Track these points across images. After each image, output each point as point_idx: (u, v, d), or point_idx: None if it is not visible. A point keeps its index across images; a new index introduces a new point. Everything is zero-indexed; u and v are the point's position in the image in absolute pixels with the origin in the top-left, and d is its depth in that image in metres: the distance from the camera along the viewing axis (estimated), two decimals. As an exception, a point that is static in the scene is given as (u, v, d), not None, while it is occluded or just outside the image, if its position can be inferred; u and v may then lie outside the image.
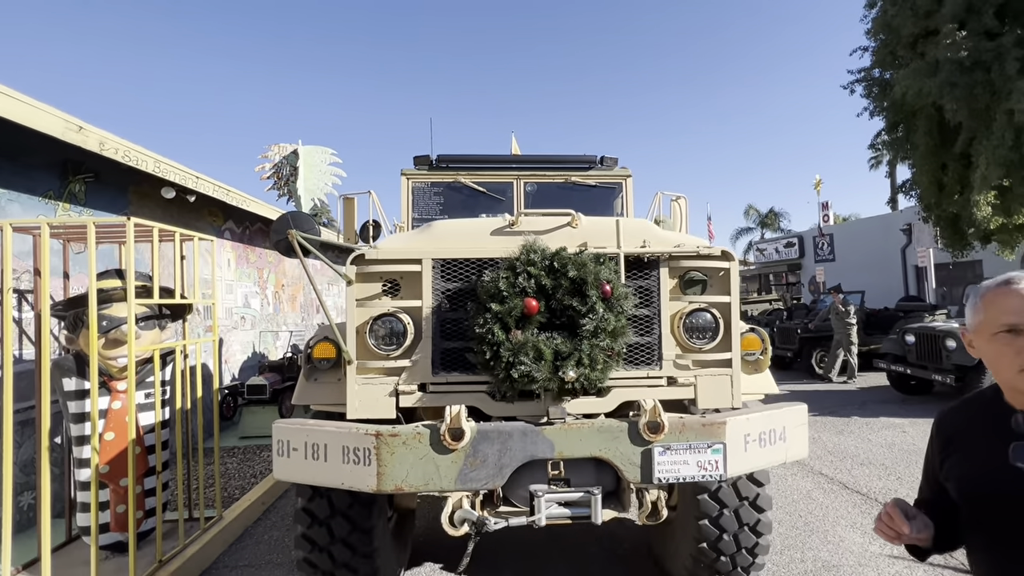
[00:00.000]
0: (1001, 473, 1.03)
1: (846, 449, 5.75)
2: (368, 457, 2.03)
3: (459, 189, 4.17)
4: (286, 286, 8.99)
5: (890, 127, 11.35)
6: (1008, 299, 1.02)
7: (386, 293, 2.33)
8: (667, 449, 2.09)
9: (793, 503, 4.29)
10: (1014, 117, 8.50)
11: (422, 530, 3.89)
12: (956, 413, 1.21)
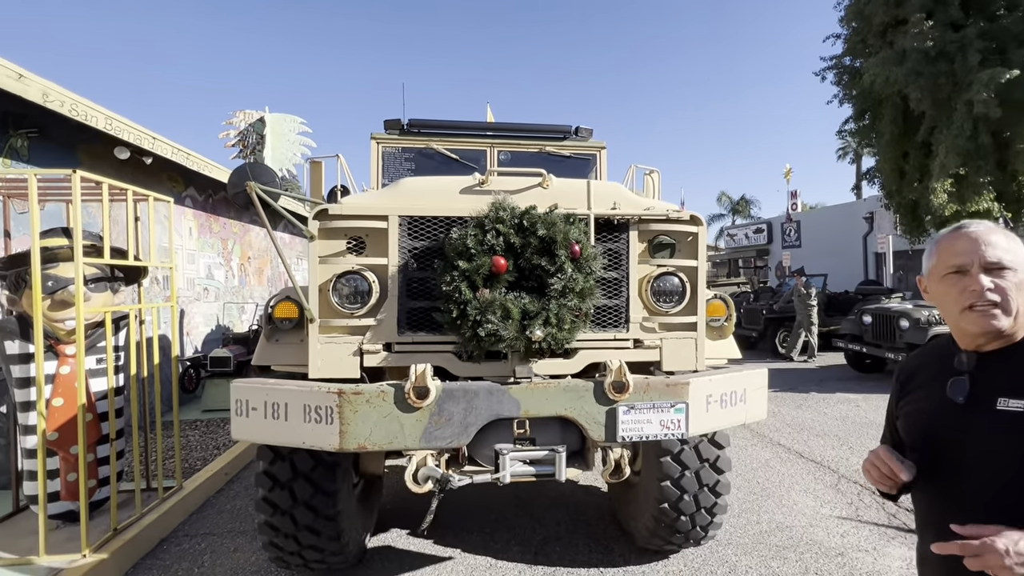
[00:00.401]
0: (940, 407, 1.08)
1: (803, 422, 5.99)
2: (330, 415, 1.99)
3: (431, 156, 4.07)
4: (252, 258, 8.71)
5: (858, 115, 11.63)
6: (958, 242, 1.04)
7: (351, 251, 2.26)
8: (631, 408, 2.12)
9: (752, 471, 4.45)
10: (973, 108, 8.82)
11: (389, 498, 3.89)
12: (913, 359, 1.25)
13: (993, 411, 0.99)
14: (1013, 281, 0.99)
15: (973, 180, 9.25)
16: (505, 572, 2.90)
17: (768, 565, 2.95)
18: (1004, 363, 1.02)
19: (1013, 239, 1.04)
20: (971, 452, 1.02)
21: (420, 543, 3.23)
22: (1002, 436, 0.98)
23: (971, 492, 1.03)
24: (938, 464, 1.10)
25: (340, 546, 2.57)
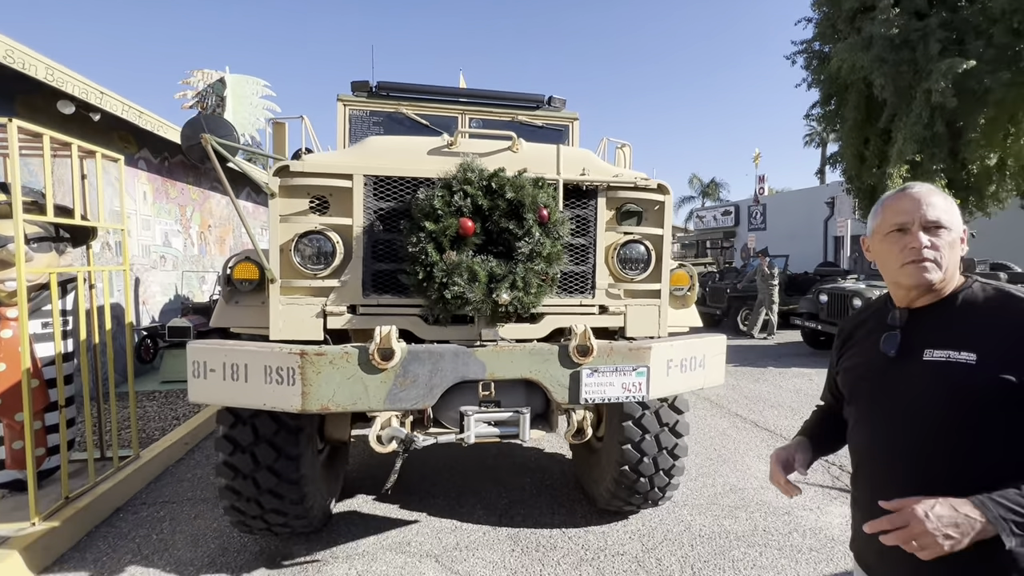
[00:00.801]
0: (874, 361, 1.14)
1: (760, 394, 6.26)
2: (292, 377, 1.95)
3: (400, 121, 3.96)
4: (213, 227, 8.38)
5: (824, 100, 11.91)
6: (901, 202, 1.09)
7: (314, 210, 2.20)
8: (595, 371, 2.17)
9: (710, 439, 4.64)
10: (931, 97, 9.15)
11: (356, 466, 3.89)
12: (853, 318, 1.32)
13: (920, 362, 1.05)
14: (947, 240, 1.05)
15: (927, 167, 9.66)
16: (470, 533, 2.96)
17: (721, 524, 3.11)
18: (931, 318, 1.09)
19: (950, 201, 1.10)
20: (901, 401, 1.09)
21: (386, 507, 3.26)
22: (928, 384, 1.04)
23: (901, 438, 1.09)
24: (872, 413, 1.16)
25: (304, 510, 2.56)
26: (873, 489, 1.17)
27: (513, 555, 2.75)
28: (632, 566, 2.66)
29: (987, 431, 1.00)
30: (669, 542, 2.89)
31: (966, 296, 1.07)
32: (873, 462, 1.16)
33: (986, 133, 9.44)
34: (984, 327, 1.02)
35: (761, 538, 2.94)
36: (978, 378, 0.98)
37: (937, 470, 1.04)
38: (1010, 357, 0.97)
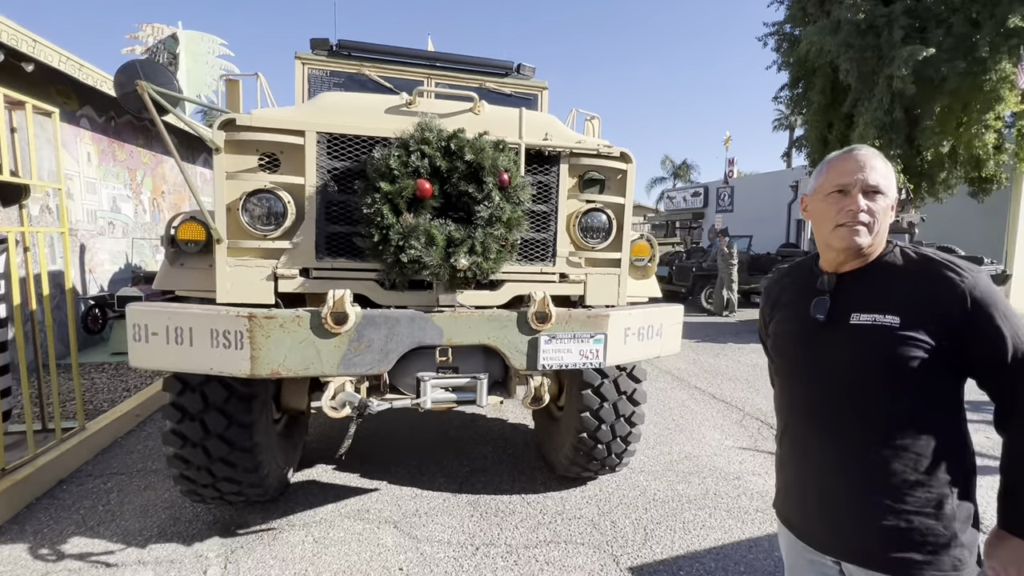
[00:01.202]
0: (804, 325, 1.16)
1: (719, 368, 6.47)
2: (240, 340, 1.89)
3: (363, 82, 3.79)
4: (167, 193, 7.96)
5: (792, 83, 12.07)
6: (846, 163, 1.10)
7: (263, 168, 2.09)
8: (553, 338, 2.17)
9: (669, 410, 4.79)
10: (892, 83, 9.39)
11: (316, 437, 3.85)
12: (781, 279, 1.32)
13: (848, 325, 1.08)
14: (883, 205, 1.07)
15: (885, 152, 9.96)
16: (430, 500, 2.98)
17: (674, 488, 3.22)
18: (858, 282, 1.11)
19: (890, 167, 1.11)
20: (829, 363, 1.11)
21: (346, 477, 3.24)
22: (855, 346, 1.07)
23: (825, 398, 1.12)
24: (800, 376, 1.19)
25: (259, 478, 2.52)
26: (796, 448, 1.21)
27: (472, 520, 2.79)
28: (587, 528, 2.74)
29: (904, 391, 1.03)
30: (624, 506, 2.98)
31: (890, 261, 1.10)
32: (798, 423, 1.19)
33: (941, 121, 9.77)
34: (907, 291, 1.04)
35: (711, 501, 3.07)
36: (901, 340, 1.01)
37: (854, 429, 1.08)
38: (930, 320, 1.00)
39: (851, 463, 1.08)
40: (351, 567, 2.36)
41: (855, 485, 1.07)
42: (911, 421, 1.03)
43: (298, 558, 2.41)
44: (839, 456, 1.10)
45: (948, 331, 1.00)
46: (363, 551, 2.48)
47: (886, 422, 1.04)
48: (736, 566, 2.44)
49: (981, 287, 1.00)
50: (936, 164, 10.27)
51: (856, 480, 1.07)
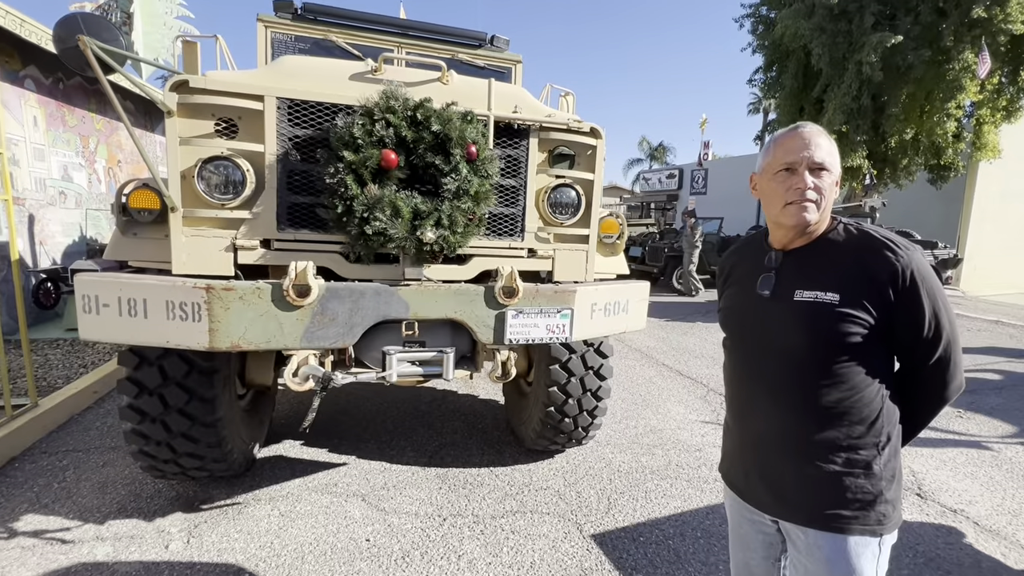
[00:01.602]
0: (751, 300, 1.20)
1: (687, 346, 6.65)
2: (198, 312, 1.83)
3: (329, 49, 3.65)
4: (123, 163, 7.58)
5: (767, 66, 12.20)
6: (792, 141, 1.12)
7: (220, 134, 2.00)
8: (520, 313, 2.18)
9: (637, 386, 4.91)
10: (862, 69, 9.59)
11: (284, 414, 3.81)
12: (734, 254, 1.36)
13: (792, 301, 1.12)
14: (828, 182, 1.10)
15: (852, 138, 10.23)
16: (399, 474, 3.00)
17: (639, 460, 3.33)
18: (803, 259, 1.15)
19: (834, 144, 1.14)
20: (772, 337, 1.16)
21: (314, 452, 3.23)
22: (797, 321, 1.11)
23: (768, 371, 1.17)
24: (745, 348, 1.24)
25: (222, 453, 2.49)
26: (740, 416, 1.26)
27: (440, 492, 2.83)
28: (553, 499, 2.81)
29: (841, 364, 1.07)
30: (590, 477, 3.07)
31: (833, 238, 1.13)
32: (743, 392, 1.25)
33: (905, 109, 10.06)
34: (845, 269, 1.08)
35: (673, 472, 3.19)
36: (839, 316, 1.05)
37: (793, 398, 1.13)
38: (865, 297, 1.04)
39: (789, 430, 1.13)
40: (318, 539, 2.37)
41: (792, 450, 1.13)
42: (846, 392, 1.08)
43: (263, 531, 2.41)
44: (778, 423, 1.15)
45: (883, 306, 1.04)
46: (330, 523, 2.49)
47: (823, 392, 1.09)
48: (693, 531, 2.55)
49: (915, 264, 1.04)
50: (899, 151, 10.60)
51: (793, 446, 1.13)
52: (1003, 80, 10.08)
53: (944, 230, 12.38)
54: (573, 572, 2.22)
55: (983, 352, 6.47)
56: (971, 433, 3.92)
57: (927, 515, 2.76)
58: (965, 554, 2.44)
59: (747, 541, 1.30)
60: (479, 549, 2.35)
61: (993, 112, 10.26)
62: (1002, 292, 12.50)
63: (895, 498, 1.10)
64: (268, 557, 2.24)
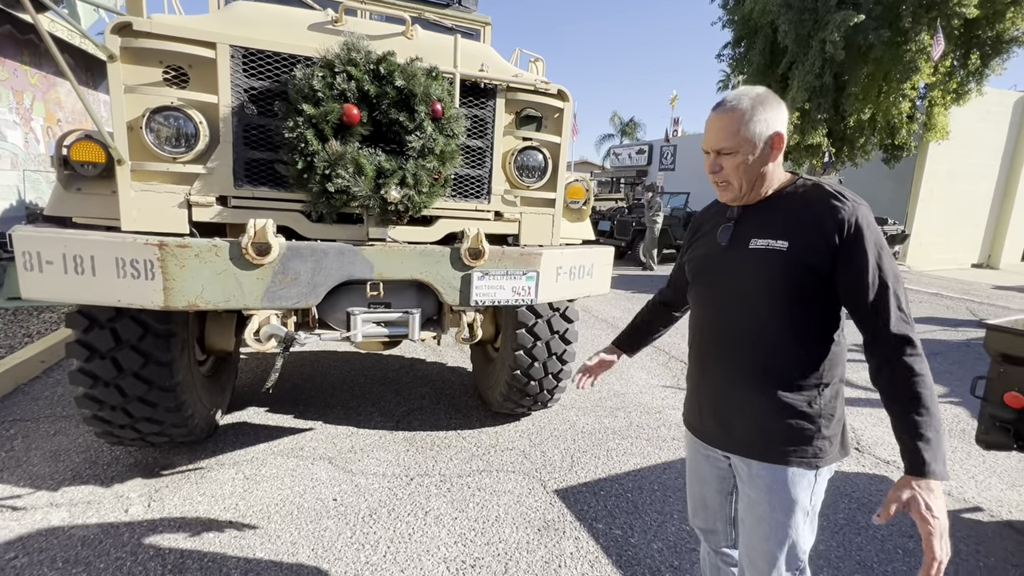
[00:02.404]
0: (713, 250, 1.28)
1: (651, 316, 6.84)
2: (151, 270, 1.77)
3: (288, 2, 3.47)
4: (63, 122, 7.07)
5: (735, 42, 12.29)
6: (707, 125, 1.20)
7: (169, 82, 1.90)
8: (486, 275, 2.20)
9: (602, 353, 5.04)
10: (825, 47, 9.78)
11: (249, 381, 3.75)
12: (704, 212, 1.43)
13: (747, 249, 1.19)
14: (732, 164, 1.16)
15: (813, 116, 10.50)
16: (366, 438, 3.02)
17: (601, 422, 3.45)
18: (758, 212, 1.22)
19: (753, 117, 1.12)
20: (729, 282, 1.23)
21: (279, 418, 3.21)
22: (750, 268, 1.18)
23: (725, 314, 1.25)
24: (706, 294, 1.31)
25: (182, 418, 2.44)
26: (698, 359, 1.34)
27: (408, 454, 2.87)
28: (519, 458, 2.89)
29: (789, 307, 1.15)
30: (555, 438, 3.17)
31: (788, 193, 1.20)
32: (702, 336, 1.32)
33: (864, 88, 10.36)
34: (796, 218, 1.15)
35: (634, 432, 3.32)
36: (787, 261, 1.12)
37: (745, 340, 1.21)
38: (812, 243, 1.11)
39: (740, 370, 1.21)
40: (284, 500, 2.38)
41: (742, 388, 1.21)
42: (792, 334, 1.16)
43: (228, 494, 2.40)
44: (730, 364, 1.23)
45: (830, 253, 1.10)
46: (296, 485, 2.50)
47: (771, 334, 1.17)
48: (650, 485, 2.69)
49: (861, 215, 1.10)
50: (857, 129, 10.95)
51: (742, 383, 1.21)
52: (955, 63, 10.48)
53: (894, 208, 12.99)
54: (536, 523, 2.32)
55: (922, 322, 6.91)
56: (906, 393, 4.22)
57: (863, 466, 2.99)
58: (894, 498, 2.66)
59: (702, 476, 1.40)
60: (446, 505, 2.41)
61: (944, 94, 10.68)
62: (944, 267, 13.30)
63: (833, 435, 1.19)
64: (232, 518, 2.24)
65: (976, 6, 9.12)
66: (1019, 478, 2.91)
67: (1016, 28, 9.63)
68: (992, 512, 2.59)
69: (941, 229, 13.32)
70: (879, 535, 2.35)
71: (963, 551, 2.27)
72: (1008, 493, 2.77)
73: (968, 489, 2.79)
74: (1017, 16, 9.47)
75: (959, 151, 12.72)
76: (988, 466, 3.04)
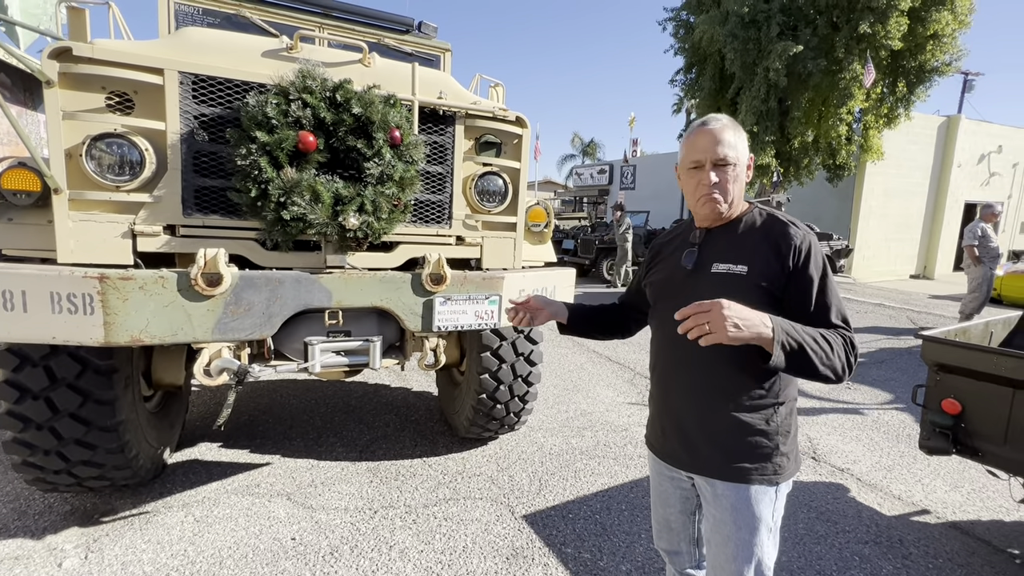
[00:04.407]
0: (677, 273, 1.32)
1: (616, 333, 6.94)
2: (90, 304, 1.67)
3: (244, 26, 3.42)
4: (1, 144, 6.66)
5: (687, 68, 12.91)
6: (700, 138, 1.23)
7: (114, 109, 1.83)
8: (448, 300, 2.18)
9: (568, 372, 5.06)
10: (768, 74, 10.40)
11: (199, 415, 3.57)
12: (664, 236, 1.48)
13: (709, 273, 1.24)
14: (732, 175, 1.22)
15: (762, 138, 11.09)
16: (327, 470, 2.91)
17: (569, 442, 3.44)
18: (720, 237, 1.28)
19: (740, 135, 1.25)
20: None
21: (234, 453, 3.06)
22: (713, 291, 1.21)
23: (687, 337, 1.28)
24: (671, 318, 1.34)
25: (125, 460, 2.29)
26: (661, 382, 1.37)
27: (371, 486, 2.78)
28: (486, 484, 2.85)
29: None
30: (522, 461, 3.14)
31: (747, 220, 1.27)
32: (666, 359, 1.35)
33: (806, 112, 11.06)
34: (754, 245, 1.22)
35: (601, 451, 3.33)
36: (746, 285, 1.18)
37: (706, 362, 1.24)
38: (769, 268, 1.18)
39: (701, 390, 1.24)
40: (238, 542, 2.25)
41: (703, 408, 1.24)
42: (750, 355, 1.20)
43: (176, 539, 2.25)
44: (692, 386, 1.26)
45: (784, 276, 1.18)
46: (251, 526, 2.37)
47: (731, 356, 1.21)
48: (618, 505, 2.69)
49: (809, 242, 1.19)
50: (801, 151, 11.63)
51: (704, 404, 1.24)
52: (885, 91, 11.33)
53: (838, 223, 13.77)
54: (505, 552, 2.27)
55: (868, 331, 7.29)
56: (856, 402, 4.42)
57: (820, 475, 3.09)
58: (849, 506, 2.76)
59: (666, 498, 1.42)
60: (411, 538, 2.34)
61: (877, 119, 11.51)
62: (885, 278, 14.13)
63: (790, 451, 1.24)
64: (181, 565, 2.10)
65: (900, 39, 9.92)
66: (960, 479, 3.08)
67: (936, 59, 10.52)
68: (938, 514, 2.72)
69: (881, 243, 14.20)
70: (837, 543, 2.42)
71: (913, 553, 2.37)
72: (952, 494, 2.92)
73: (916, 493, 2.93)
74: (936, 49, 10.37)
75: (893, 171, 13.68)
76: (932, 469, 3.21)
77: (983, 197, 15.01)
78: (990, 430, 2.17)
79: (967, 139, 14.90)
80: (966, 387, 2.23)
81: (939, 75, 10.76)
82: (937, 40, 10.25)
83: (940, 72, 10.71)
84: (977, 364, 2.17)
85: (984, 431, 2.20)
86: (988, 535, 2.55)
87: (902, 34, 9.85)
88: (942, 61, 10.56)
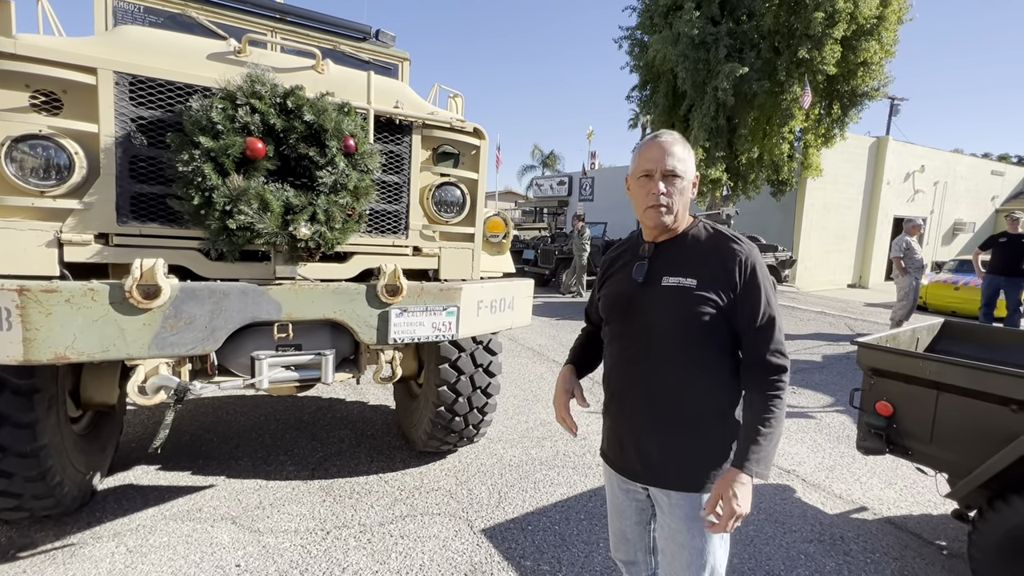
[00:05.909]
0: (628, 286, 1.34)
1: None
2: (7, 319, 1.53)
3: (189, 26, 3.28)
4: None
5: (642, 85, 13.37)
6: (651, 150, 1.26)
7: (39, 109, 1.70)
8: (404, 311, 2.14)
9: (528, 382, 5.07)
10: (717, 94, 10.92)
11: (134, 436, 3.33)
12: (615, 250, 1.50)
13: (660, 286, 1.27)
14: (679, 187, 1.26)
15: (713, 153, 11.61)
16: (276, 491, 2.78)
17: (528, 453, 3.44)
18: (669, 251, 1.31)
19: (689, 150, 1.30)
20: (644, 317, 1.29)
21: (172, 476, 2.87)
22: (663, 303, 1.25)
23: (643, 346, 1.30)
24: (621, 329, 1.36)
25: (47, 488, 2.11)
26: (615, 394, 1.38)
27: (324, 505, 2.67)
28: (445, 499, 2.79)
29: (698, 340, 1.24)
30: (482, 474, 3.10)
31: (694, 234, 1.31)
32: (617, 371, 1.37)
33: (752, 130, 11.67)
34: (702, 259, 1.26)
35: (561, 461, 3.34)
36: (696, 298, 1.22)
37: (659, 372, 1.27)
38: (716, 280, 1.22)
39: (654, 403, 1.27)
40: (176, 572, 2.11)
41: (657, 420, 1.27)
42: (701, 365, 1.24)
43: (105, 573, 2.08)
44: (645, 398, 1.28)
45: (730, 290, 1.22)
46: (191, 553, 2.22)
47: (683, 366, 1.24)
48: (577, 515, 2.70)
49: (754, 257, 1.25)
50: (748, 167, 12.23)
51: (657, 416, 1.27)
52: (822, 112, 12.12)
53: (782, 235, 14.55)
54: (463, 568, 2.23)
55: (810, 338, 7.69)
56: (800, 405, 4.64)
57: (767, 478, 3.21)
58: (795, 507, 2.88)
59: (622, 510, 1.43)
60: (366, 559, 2.26)
61: (815, 138, 12.28)
62: (825, 287, 15.00)
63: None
64: (111, 601, 1.94)
65: (835, 65, 10.66)
66: (894, 477, 3.28)
67: (866, 84, 11.36)
68: (875, 510, 2.88)
69: (821, 254, 15.09)
70: (784, 543, 2.51)
71: (853, 549, 2.49)
72: (886, 491, 3.10)
73: (855, 491, 3.09)
74: (866, 75, 11.20)
75: (831, 186, 14.62)
76: (869, 469, 3.40)
77: (909, 212, 16.28)
78: (918, 430, 2.33)
79: (894, 159, 16.11)
80: (897, 390, 2.39)
81: (869, 99, 11.61)
82: (867, 67, 11.07)
83: (870, 96, 11.56)
84: (905, 368, 2.33)
85: (913, 431, 2.35)
86: (919, 529, 2.72)
87: (836, 60, 10.59)
88: (871, 86, 11.41)
